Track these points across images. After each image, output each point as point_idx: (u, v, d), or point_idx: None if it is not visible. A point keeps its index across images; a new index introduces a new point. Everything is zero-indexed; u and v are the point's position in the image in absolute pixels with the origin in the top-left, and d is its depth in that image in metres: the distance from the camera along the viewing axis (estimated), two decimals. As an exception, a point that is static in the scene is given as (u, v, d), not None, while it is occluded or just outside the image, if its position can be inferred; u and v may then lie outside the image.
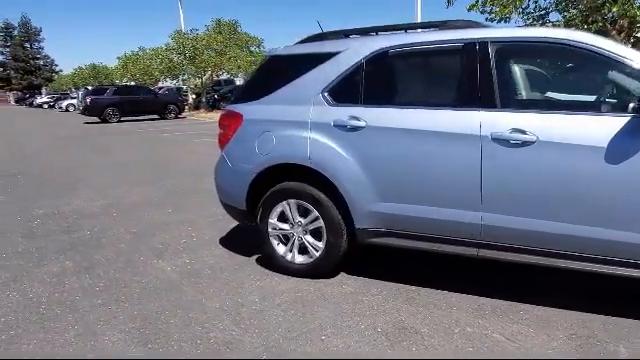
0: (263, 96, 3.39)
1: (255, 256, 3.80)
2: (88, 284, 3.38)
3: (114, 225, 4.89)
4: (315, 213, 3.20)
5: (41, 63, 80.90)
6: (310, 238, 3.29)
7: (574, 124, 2.48)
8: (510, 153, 2.57)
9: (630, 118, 2.38)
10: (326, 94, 3.14)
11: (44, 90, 68.79)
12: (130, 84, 33.68)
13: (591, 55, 2.51)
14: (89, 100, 22.37)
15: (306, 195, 3.20)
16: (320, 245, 3.24)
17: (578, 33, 2.61)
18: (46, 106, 47.07)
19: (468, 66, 2.75)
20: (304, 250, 3.33)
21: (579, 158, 2.43)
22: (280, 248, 3.42)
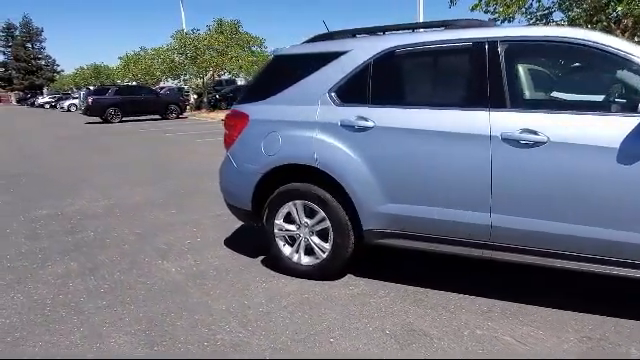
0: (269, 96, 3.37)
1: (260, 257, 3.77)
2: (93, 285, 3.36)
3: (118, 226, 4.87)
4: (322, 214, 3.17)
5: (43, 63, 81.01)
6: (316, 239, 3.26)
7: (586, 124, 2.45)
8: (521, 154, 2.54)
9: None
10: (333, 94, 3.11)
11: (45, 90, 68.84)
12: (132, 84, 33.67)
13: (608, 56, 2.47)
14: (91, 100, 22.35)
15: (312, 196, 3.18)
16: (327, 246, 3.21)
17: (594, 33, 2.58)
18: (48, 106, 47.10)
19: (477, 66, 2.72)
20: (310, 251, 3.31)
21: (591, 159, 2.40)
22: (286, 249, 3.39)
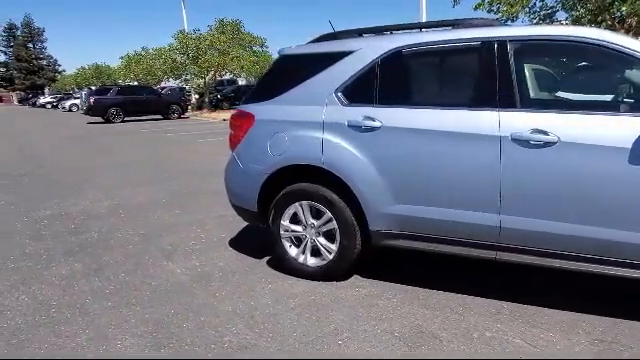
0: (275, 96, 3.34)
1: (266, 258, 3.75)
2: (98, 286, 3.34)
3: (122, 226, 4.86)
4: (328, 215, 3.15)
5: (44, 63, 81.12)
6: (323, 240, 3.24)
7: (597, 124, 2.42)
8: (531, 154, 2.51)
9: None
10: (340, 94, 3.09)
11: (47, 90, 68.91)
12: (133, 84, 33.69)
13: (623, 56, 2.44)
14: (93, 100, 22.36)
15: (319, 197, 3.15)
16: (333, 247, 3.19)
17: (608, 32, 2.55)
18: (49, 106, 47.15)
19: (486, 65, 2.70)
20: (317, 252, 3.28)
21: (603, 159, 2.37)
22: (292, 250, 3.37)
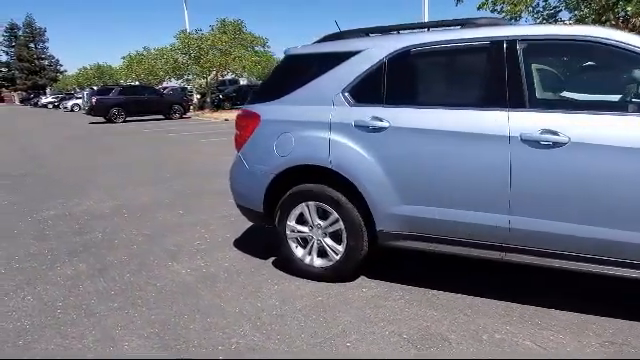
0: (281, 96, 3.33)
1: (271, 259, 3.73)
2: (103, 287, 3.32)
3: (125, 226, 4.84)
4: (335, 215, 3.13)
5: (45, 63, 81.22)
6: (329, 241, 3.22)
7: (608, 124, 2.40)
8: (541, 154, 2.49)
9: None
10: (347, 94, 3.07)
11: (48, 90, 68.95)
12: (135, 84, 33.70)
13: (633, 56, 2.42)
14: (94, 100, 22.37)
15: (326, 197, 3.13)
16: (340, 248, 3.17)
17: (617, 32, 2.53)
18: (51, 106, 47.23)
19: (496, 65, 2.68)
20: (323, 253, 3.26)
21: (615, 159, 2.35)
22: (298, 251, 3.35)
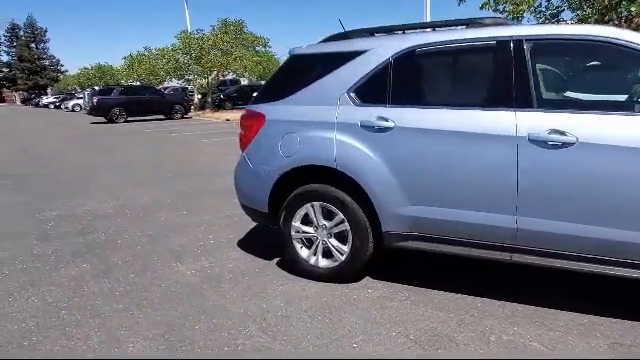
0: (286, 96, 3.31)
1: (275, 259, 3.72)
2: (107, 288, 3.31)
3: (129, 227, 4.83)
4: (340, 216, 3.12)
5: (47, 63, 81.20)
6: (335, 241, 3.20)
7: (616, 124, 2.39)
8: (548, 155, 2.48)
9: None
10: (352, 94, 3.06)
11: (50, 90, 68.96)
12: (136, 84, 33.71)
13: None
14: (96, 100, 22.37)
15: (331, 197, 3.12)
16: (345, 249, 3.16)
17: (626, 31, 2.51)
18: (52, 106, 47.24)
19: (502, 65, 2.66)
20: (328, 254, 3.25)
21: (623, 160, 2.33)
22: (303, 252, 3.34)
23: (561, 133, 2.45)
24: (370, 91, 3.03)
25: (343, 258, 3.17)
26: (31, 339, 2.63)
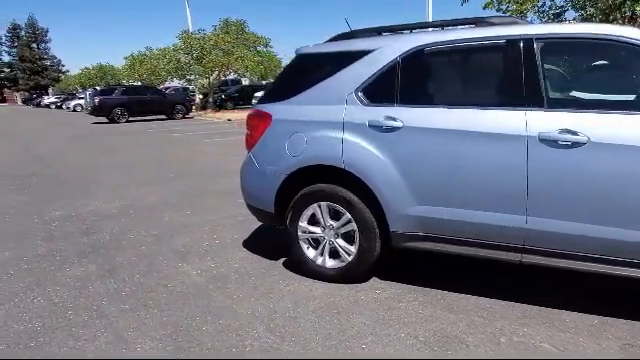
0: (293, 96, 3.30)
1: (282, 259, 3.71)
2: (113, 288, 3.30)
3: (133, 227, 4.82)
4: (347, 216, 3.10)
5: (48, 63, 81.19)
6: (342, 242, 3.19)
7: (629, 124, 2.37)
8: (559, 154, 2.46)
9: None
10: (360, 94, 3.04)
11: (51, 90, 69.05)
12: (137, 84, 33.71)
13: None
14: (98, 100, 22.37)
15: (338, 197, 3.10)
16: (352, 249, 3.14)
17: (634, 30, 2.49)
18: (53, 106, 47.21)
19: (512, 64, 2.64)
20: (335, 254, 3.23)
21: (635, 160, 2.31)
22: (310, 252, 3.32)
23: (572, 133, 2.43)
24: (378, 91, 3.01)
25: (350, 258, 3.16)
26: (38, 340, 2.62)
